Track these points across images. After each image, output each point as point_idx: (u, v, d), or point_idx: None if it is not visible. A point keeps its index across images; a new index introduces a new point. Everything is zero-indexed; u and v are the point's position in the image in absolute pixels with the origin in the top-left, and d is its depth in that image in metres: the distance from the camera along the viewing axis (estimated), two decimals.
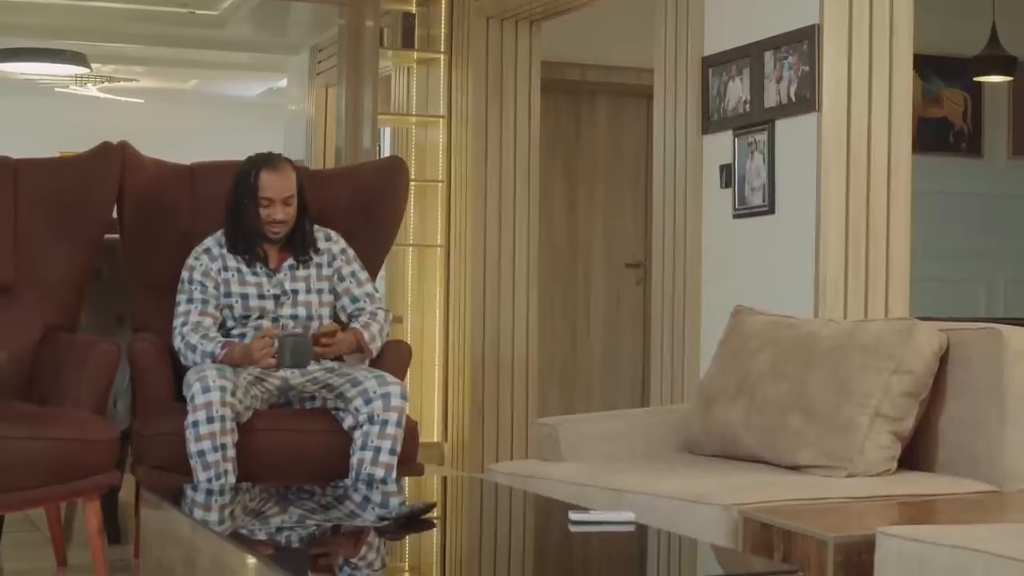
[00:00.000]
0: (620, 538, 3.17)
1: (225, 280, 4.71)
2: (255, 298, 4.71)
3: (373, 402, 4.45)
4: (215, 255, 4.74)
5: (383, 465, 4.42)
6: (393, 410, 4.45)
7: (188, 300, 4.70)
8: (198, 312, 4.67)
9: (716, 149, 5.49)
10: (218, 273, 4.71)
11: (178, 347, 4.64)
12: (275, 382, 4.63)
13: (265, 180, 4.66)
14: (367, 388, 4.49)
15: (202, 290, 4.70)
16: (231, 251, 4.73)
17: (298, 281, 4.74)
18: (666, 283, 5.74)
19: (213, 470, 4.29)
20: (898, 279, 5.03)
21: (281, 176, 4.68)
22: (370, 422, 4.44)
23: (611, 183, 8.70)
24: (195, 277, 4.71)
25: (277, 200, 4.66)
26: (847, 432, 3.85)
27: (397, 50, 7.73)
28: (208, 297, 4.69)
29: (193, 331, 4.62)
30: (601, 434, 4.42)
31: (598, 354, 8.67)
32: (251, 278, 4.72)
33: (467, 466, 7.26)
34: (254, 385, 4.54)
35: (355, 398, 4.50)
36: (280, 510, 3.69)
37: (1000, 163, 9.03)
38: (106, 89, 11.65)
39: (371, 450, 4.43)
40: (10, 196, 4.83)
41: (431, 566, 3.11)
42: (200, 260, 4.73)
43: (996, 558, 2.79)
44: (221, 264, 4.72)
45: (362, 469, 4.41)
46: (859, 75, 4.98)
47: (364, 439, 4.44)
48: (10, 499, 4.12)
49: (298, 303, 4.73)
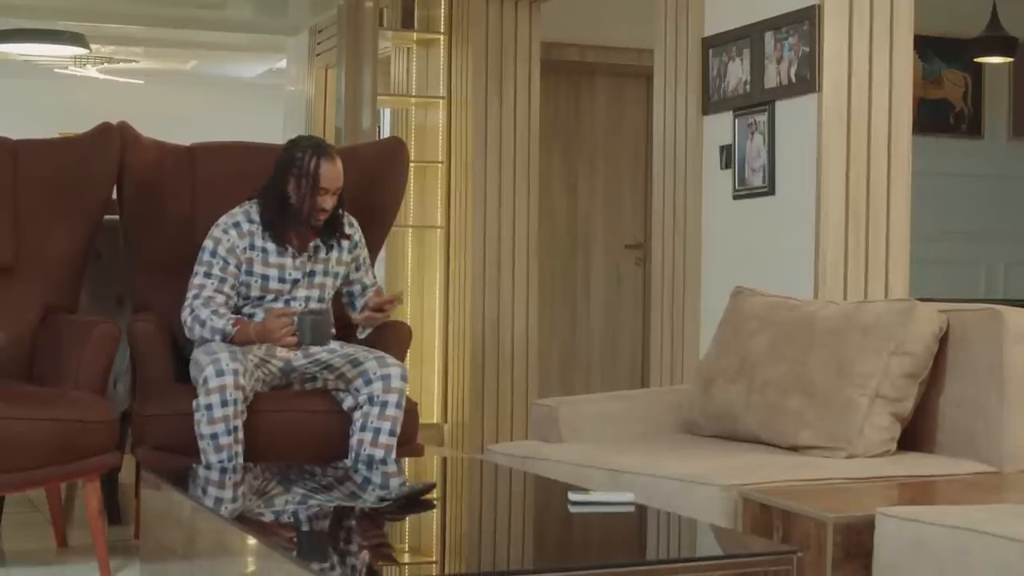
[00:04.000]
0: (620, 519, 3.18)
1: (249, 259, 4.61)
2: (275, 280, 4.64)
3: (373, 383, 4.45)
4: (244, 231, 4.62)
5: (383, 446, 4.42)
6: (393, 391, 4.45)
7: (206, 274, 4.58)
8: (213, 288, 4.55)
9: (716, 130, 5.49)
10: (243, 252, 4.60)
11: (185, 319, 4.54)
12: (278, 364, 4.62)
13: (325, 170, 4.56)
14: (367, 369, 4.49)
15: (223, 267, 4.58)
16: (265, 228, 4.64)
17: (318, 263, 4.71)
18: (666, 264, 5.74)
19: (226, 452, 4.27)
20: (898, 260, 5.03)
21: (337, 167, 4.60)
22: (370, 403, 4.44)
23: (611, 164, 8.70)
24: (219, 251, 4.59)
25: (331, 190, 4.59)
26: (847, 413, 3.86)
27: (397, 31, 7.72)
28: (227, 275, 4.58)
29: (204, 306, 4.51)
30: (601, 415, 4.42)
31: (598, 335, 8.68)
32: (275, 259, 4.63)
33: (467, 447, 7.27)
34: (258, 368, 4.53)
35: (355, 379, 4.50)
36: (281, 491, 3.70)
37: (1001, 144, 9.02)
38: (106, 70, 11.62)
39: (371, 431, 4.43)
40: (10, 177, 4.82)
41: (431, 546, 3.11)
42: (228, 234, 4.61)
43: (995, 538, 2.79)
44: (249, 242, 4.61)
45: (361, 449, 4.41)
46: (859, 56, 4.97)
47: (364, 420, 4.44)
48: (10, 479, 4.12)
49: (313, 284, 4.69)
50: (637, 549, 3.11)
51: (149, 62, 11.62)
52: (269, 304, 4.63)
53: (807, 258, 4.97)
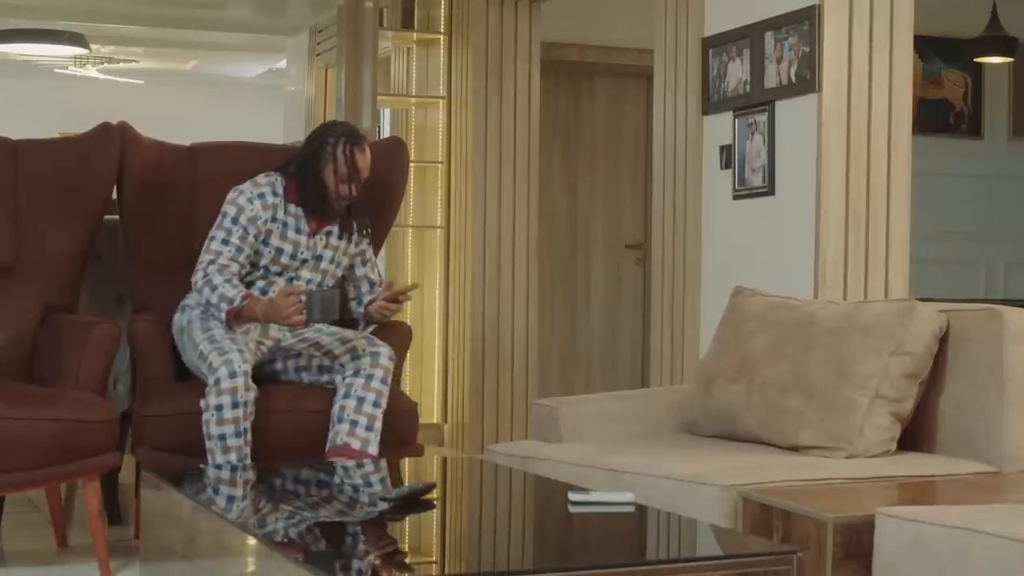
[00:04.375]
0: (620, 519, 3.18)
1: (268, 231, 4.61)
2: (287, 256, 4.64)
3: (361, 358, 4.47)
4: (269, 203, 4.62)
5: (366, 415, 4.40)
6: (380, 367, 4.45)
7: (224, 241, 4.56)
8: (229, 256, 4.54)
9: (716, 130, 5.49)
10: (265, 223, 4.60)
11: (196, 281, 4.51)
12: (268, 343, 4.62)
13: (358, 158, 4.62)
14: (356, 346, 4.52)
15: (242, 236, 4.57)
16: (292, 201, 4.64)
17: (328, 248, 4.73)
18: (666, 264, 5.74)
19: (234, 454, 4.27)
20: (898, 260, 5.03)
21: (367, 157, 4.66)
22: (355, 375, 4.45)
23: (611, 164, 8.70)
24: (241, 220, 4.58)
25: (357, 179, 4.64)
26: (847, 413, 3.85)
27: (397, 31, 7.72)
28: (245, 246, 4.57)
29: (219, 272, 4.49)
30: (601, 415, 4.42)
31: (598, 335, 8.67)
32: (292, 235, 4.64)
33: (467, 447, 7.27)
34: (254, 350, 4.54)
35: (343, 355, 4.53)
36: (281, 490, 3.70)
37: (1000, 144, 9.02)
38: (106, 70, 11.62)
39: (354, 399, 4.41)
40: (10, 177, 4.82)
41: (431, 547, 3.11)
42: (253, 204, 4.60)
43: (995, 538, 2.79)
44: (272, 215, 4.62)
45: (344, 415, 4.39)
46: (859, 56, 4.97)
47: (347, 389, 4.44)
48: (10, 479, 4.12)
49: (318, 268, 4.70)
50: (637, 549, 3.11)
51: (149, 62, 11.62)
52: (274, 277, 4.65)
53: (807, 258, 4.97)
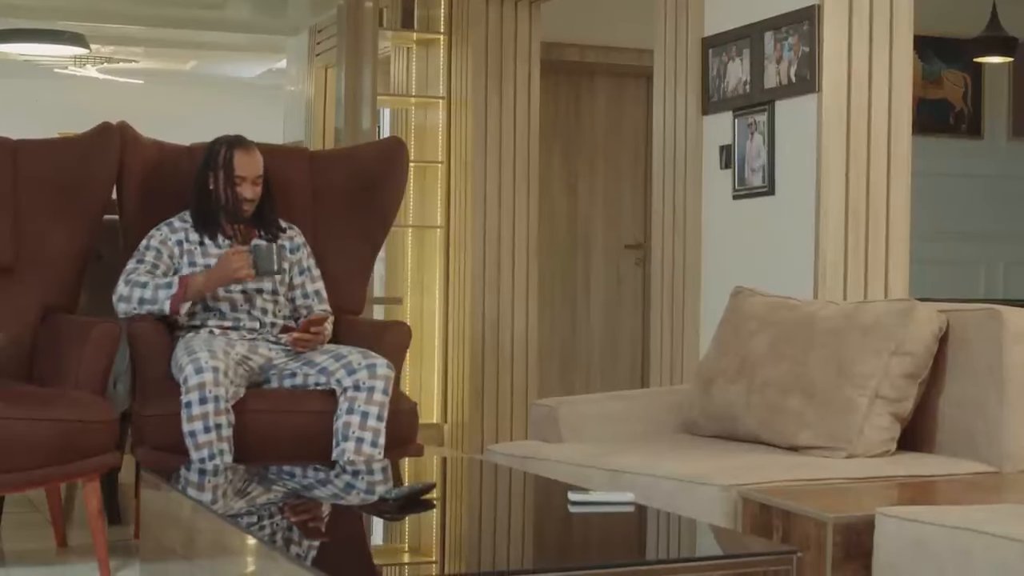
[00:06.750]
0: (619, 519, 3.18)
1: (188, 251, 4.73)
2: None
3: (358, 372, 4.45)
4: (176, 228, 4.78)
5: (371, 429, 4.40)
6: (379, 378, 4.44)
7: (138, 261, 4.71)
8: (144, 270, 4.67)
9: (716, 130, 5.49)
10: (176, 244, 4.75)
11: (121, 293, 4.61)
12: (258, 360, 4.63)
13: (239, 159, 4.75)
14: (351, 360, 4.50)
15: (155, 255, 4.72)
16: (195, 227, 4.77)
17: None
18: (666, 264, 5.74)
19: (206, 450, 4.29)
20: (898, 260, 5.03)
21: (253, 156, 4.78)
22: (356, 389, 4.44)
23: (611, 164, 8.69)
24: (151, 244, 4.74)
25: (249, 179, 4.74)
26: (846, 413, 3.86)
27: (397, 31, 7.72)
28: (159, 263, 4.71)
29: (139, 276, 4.64)
30: (601, 415, 4.42)
31: (598, 335, 8.67)
32: (214, 250, 4.74)
33: (467, 447, 7.27)
34: (240, 365, 4.53)
35: (337, 370, 4.51)
36: (279, 490, 3.70)
37: (1000, 144, 9.02)
38: (105, 70, 11.62)
39: (358, 414, 4.41)
40: (10, 177, 4.82)
41: (431, 546, 3.11)
42: (160, 230, 4.77)
43: (995, 538, 2.79)
44: (183, 236, 4.76)
45: (349, 432, 4.40)
46: (859, 56, 4.98)
47: (350, 404, 4.43)
48: (10, 479, 4.12)
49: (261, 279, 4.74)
50: (637, 549, 3.11)
51: (149, 62, 11.62)
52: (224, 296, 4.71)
53: (807, 258, 4.97)
